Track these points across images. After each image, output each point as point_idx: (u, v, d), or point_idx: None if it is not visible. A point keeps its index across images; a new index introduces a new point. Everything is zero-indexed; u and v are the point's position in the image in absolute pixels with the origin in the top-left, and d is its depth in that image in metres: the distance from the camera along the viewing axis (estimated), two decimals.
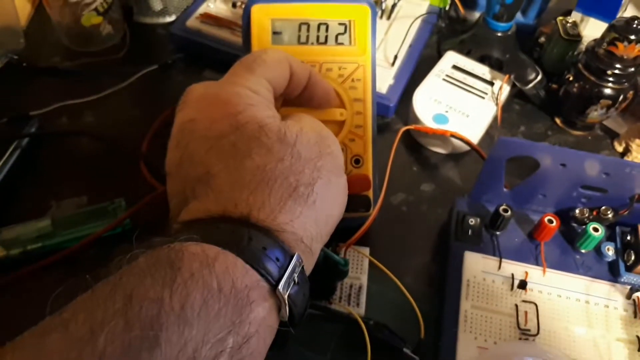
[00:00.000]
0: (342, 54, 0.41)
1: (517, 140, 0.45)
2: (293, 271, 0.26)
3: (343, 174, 0.32)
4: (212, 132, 0.29)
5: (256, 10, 0.40)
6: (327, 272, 0.39)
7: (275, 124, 0.30)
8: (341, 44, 0.41)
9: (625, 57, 0.49)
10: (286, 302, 0.26)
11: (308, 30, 0.41)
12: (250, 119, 0.29)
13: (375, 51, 0.42)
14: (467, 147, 0.52)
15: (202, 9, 0.60)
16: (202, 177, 0.28)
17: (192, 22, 0.59)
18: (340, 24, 0.41)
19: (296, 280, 0.27)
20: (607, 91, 0.51)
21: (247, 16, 0.40)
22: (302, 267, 0.27)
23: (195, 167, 0.29)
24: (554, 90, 0.57)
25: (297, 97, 0.36)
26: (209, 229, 0.26)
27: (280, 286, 0.25)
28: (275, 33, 0.40)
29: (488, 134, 0.55)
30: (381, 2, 0.61)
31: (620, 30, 0.49)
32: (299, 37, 0.41)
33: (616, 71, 0.50)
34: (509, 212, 0.43)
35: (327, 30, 0.41)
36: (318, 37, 0.41)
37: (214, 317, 0.23)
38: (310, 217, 0.29)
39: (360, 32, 0.41)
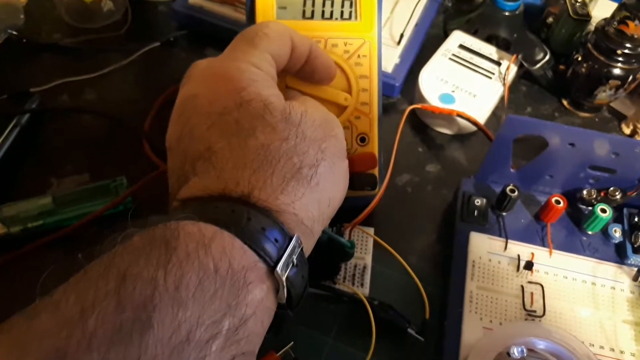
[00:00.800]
0: (347, 30, 0.40)
1: (525, 119, 0.44)
2: (292, 253, 0.26)
3: (345, 158, 0.32)
4: (214, 107, 0.29)
5: None
6: (332, 254, 0.39)
7: (280, 103, 0.29)
8: (347, 19, 0.40)
9: (636, 36, 0.48)
10: (284, 284, 0.25)
11: (313, 4, 0.40)
12: (254, 96, 0.29)
13: (382, 27, 0.41)
14: (473, 128, 0.52)
15: None
16: (203, 153, 0.28)
17: None
18: None
19: (295, 262, 0.26)
20: (617, 71, 0.50)
21: None
22: (302, 249, 0.27)
23: (196, 143, 0.28)
24: (562, 71, 0.56)
25: (298, 71, 0.35)
26: (207, 207, 0.26)
27: (279, 268, 0.25)
28: (280, 7, 0.39)
29: (495, 115, 0.55)
30: None
31: (631, 9, 0.48)
32: (304, 11, 0.40)
33: (626, 51, 0.49)
34: (516, 193, 0.42)
35: (332, 5, 0.40)
36: (323, 12, 0.40)
37: (210, 299, 0.22)
38: (312, 198, 0.28)
39: (366, 8, 0.40)
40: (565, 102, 0.57)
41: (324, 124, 0.31)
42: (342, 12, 0.40)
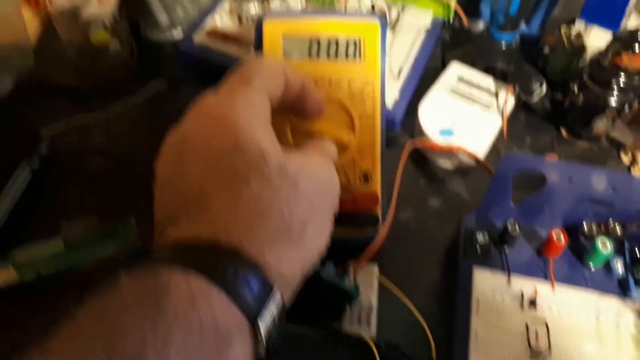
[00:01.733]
0: (352, 70, 0.41)
1: (523, 157, 0.45)
2: (273, 308, 0.27)
3: (332, 215, 0.33)
4: (210, 149, 0.29)
5: (268, 25, 0.40)
6: (337, 298, 0.39)
7: (276, 154, 0.29)
8: (351, 59, 0.41)
9: (630, 68, 0.49)
10: (264, 339, 0.26)
11: (318, 45, 0.41)
12: (250, 141, 0.29)
13: (385, 67, 0.42)
14: (474, 162, 0.52)
15: (209, 24, 0.60)
16: (197, 195, 0.28)
17: (200, 38, 0.59)
18: (350, 40, 0.41)
19: (275, 316, 0.27)
20: (613, 102, 0.52)
21: (259, 31, 0.40)
22: (283, 305, 0.28)
23: (190, 182, 0.29)
24: (559, 100, 0.57)
25: (288, 106, 0.35)
26: (197, 256, 0.26)
27: (260, 322, 0.26)
28: (286, 47, 0.41)
29: (494, 147, 0.55)
30: (385, 15, 0.61)
31: (625, 41, 0.49)
32: (310, 52, 0.41)
33: (621, 82, 0.50)
34: (517, 228, 0.43)
35: (337, 46, 0.41)
36: (329, 52, 0.41)
37: (193, 353, 0.23)
38: (297, 255, 0.29)
39: (370, 48, 0.41)
40: (563, 132, 0.58)
41: (319, 180, 0.31)
42: (347, 53, 0.41)
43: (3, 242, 0.46)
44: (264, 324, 0.26)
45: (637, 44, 0.48)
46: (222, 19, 0.61)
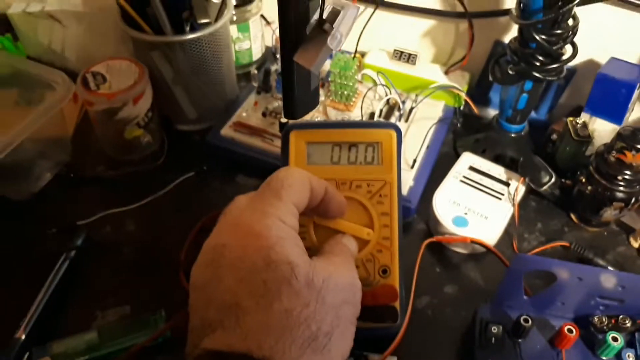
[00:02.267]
0: (370, 173, 0.44)
1: (533, 257, 0.47)
2: None
3: (355, 322, 0.35)
4: (244, 263, 0.31)
5: (294, 135, 0.44)
6: None
7: (304, 267, 0.32)
8: (370, 163, 0.44)
9: (634, 164, 0.52)
10: None
11: (340, 151, 0.44)
12: (282, 257, 0.31)
13: (401, 169, 0.45)
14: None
15: (235, 117, 0.65)
16: (231, 307, 0.31)
17: (226, 130, 0.64)
18: (369, 145, 0.45)
19: None
20: (619, 194, 0.54)
21: (285, 139, 0.44)
22: None
23: (224, 293, 0.31)
24: (568, 186, 0.60)
25: (312, 209, 0.38)
26: None
27: None
28: (310, 154, 0.44)
29: (507, 232, 0.58)
30: (399, 107, 0.65)
31: (627, 140, 0.52)
32: (332, 157, 0.44)
33: (627, 176, 0.53)
34: (530, 322, 0.45)
35: (357, 151, 0.44)
36: (349, 158, 0.44)
37: None
38: None
39: (387, 153, 0.44)
40: (573, 217, 0.60)
41: (345, 289, 0.34)
42: (365, 158, 0.45)
43: (41, 332, 0.48)
44: None
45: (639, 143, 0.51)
46: (247, 113, 0.66)
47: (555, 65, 0.56)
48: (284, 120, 0.62)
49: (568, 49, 0.57)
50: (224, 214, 0.36)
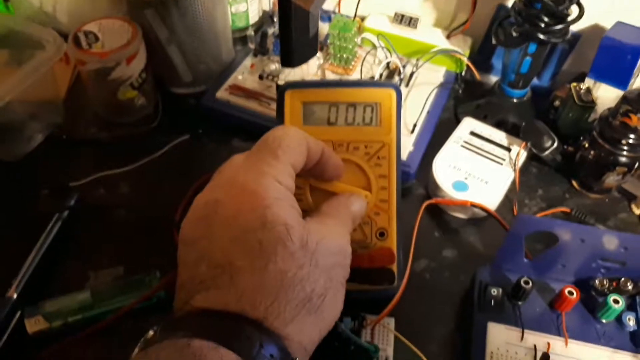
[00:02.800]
0: (368, 134, 0.43)
1: (536, 218, 0.46)
2: None
3: (345, 284, 0.34)
4: (238, 221, 0.31)
5: (289, 94, 0.42)
6: (356, 355, 0.40)
7: (299, 229, 0.31)
8: (368, 124, 0.43)
9: (639, 128, 0.51)
10: None
11: (337, 112, 0.43)
12: (277, 217, 0.31)
13: (400, 130, 0.44)
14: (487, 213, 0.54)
15: (231, 80, 0.64)
16: (224, 265, 0.30)
17: (221, 93, 0.62)
18: (367, 106, 0.43)
19: None
20: (623, 159, 0.53)
21: (280, 99, 0.43)
22: None
23: (217, 251, 0.30)
24: (570, 153, 0.59)
25: (309, 170, 0.37)
26: (226, 330, 0.28)
27: None
28: (306, 115, 0.43)
29: (507, 198, 0.57)
30: (400, 71, 0.64)
31: (633, 103, 0.51)
32: (329, 118, 0.43)
33: (631, 140, 0.52)
34: (530, 284, 0.44)
35: (354, 112, 0.43)
36: (346, 119, 0.43)
37: None
38: (316, 325, 0.31)
39: (386, 114, 0.43)
40: (575, 184, 0.59)
41: (337, 252, 0.33)
42: (363, 118, 0.43)
43: (33, 291, 0.48)
44: None
45: None
46: (243, 76, 0.64)
47: (560, 27, 0.55)
48: (281, 82, 0.61)
49: (574, 10, 0.55)
50: (218, 171, 0.35)
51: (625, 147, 0.52)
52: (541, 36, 0.55)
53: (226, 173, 0.34)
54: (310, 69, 0.65)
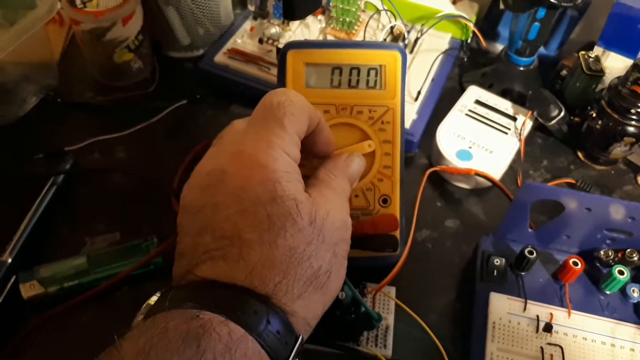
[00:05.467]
0: (372, 97, 0.42)
1: (541, 185, 0.45)
2: (297, 351, 0.28)
3: (347, 258, 0.34)
4: (247, 194, 0.30)
5: (291, 55, 0.41)
6: (358, 322, 0.40)
7: (308, 204, 0.31)
8: (372, 87, 0.42)
9: None
10: None
11: (340, 74, 0.42)
12: (287, 192, 0.30)
13: (405, 94, 0.43)
14: (491, 183, 0.53)
15: (230, 44, 0.62)
16: (232, 237, 0.29)
17: (220, 57, 0.61)
18: (371, 68, 0.42)
19: (295, 358, 0.29)
20: (631, 129, 0.52)
21: (282, 60, 0.41)
22: (303, 343, 0.29)
23: (223, 222, 0.30)
24: (577, 123, 0.58)
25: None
26: (234, 304, 0.28)
27: None
28: (308, 76, 0.41)
29: (512, 168, 0.56)
30: (404, 37, 0.62)
31: None
32: (332, 80, 0.42)
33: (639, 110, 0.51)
34: (534, 254, 0.43)
35: (358, 74, 0.42)
36: (350, 81, 0.42)
37: None
38: (320, 301, 0.31)
39: (390, 77, 0.42)
40: (580, 155, 0.58)
41: (341, 227, 0.33)
42: (367, 81, 0.42)
43: (28, 256, 0.47)
44: None
45: None
46: (243, 39, 0.62)
47: None
48: (281, 46, 0.59)
49: None
50: (220, 137, 0.33)
51: (634, 117, 0.51)
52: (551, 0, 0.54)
53: (230, 141, 0.32)
54: (312, 33, 0.63)
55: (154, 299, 0.29)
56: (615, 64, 0.58)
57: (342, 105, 0.42)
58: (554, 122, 0.56)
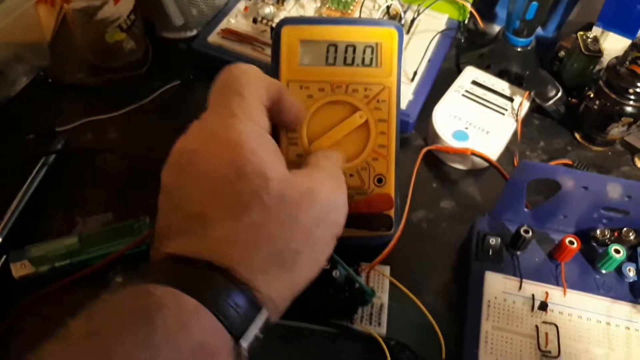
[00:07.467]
0: (368, 75, 0.41)
1: (538, 164, 0.45)
2: (259, 328, 0.27)
3: (334, 242, 0.33)
4: (215, 173, 0.29)
5: (286, 31, 0.40)
6: (352, 298, 0.40)
7: (279, 181, 0.30)
8: (368, 65, 0.41)
9: None
10: (247, 356, 0.27)
11: (336, 51, 0.41)
12: (256, 168, 0.29)
13: (401, 73, 0.42)
14: (487, 164, 0.52)
15: (224, 24, 0.61)
16: (198, 215, 0.29)
17: (213, 37, 0.60)
18: (367, 46, 0.41)
19: (258, 337, 0.28)
20: (629, 109, 0.51)
21: (277, 36, 0.40)
22: (268, 323, 0.28)
23: (191, 201, 0.29)
24: (574, 104, 0.57)
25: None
26: (191, 277, 0.27)
27: (245, 344, 0.27)
28: (303, 53, 0.41)
29: (508, 150, 0.55)
30: (400, 17, 0.62)
31: None
32: (327, 58, 0.41)
33: (638, 89, 0.50)
34: (530, 233, 0.43)
35: (354, 52, 0.41)
36: (345, 59, 0.41)
37: None
38: (287, 281, 0.30)
39: (386, 54, 0.41)
40: (578, 136, 0.58)
41: (323, 208, 0.31)
42: (363, 59, 0.41)
43: (19, 236, 0.46)
44: (248, 342, 0.27)
45: None
46: (236, 19, 0.61)
47: None
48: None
49: None
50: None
51: (632, 97, 0.51)
52: None
53: (199, 122, 0.32)
54: (307, 13, 0.63)
55: (118, 281, 0.29)
56: (613, 45, 0.58)
57: (337, 83, 0.41)
58: (551, 102, 0.55)
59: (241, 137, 0.30)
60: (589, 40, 0.57)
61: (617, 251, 0.42)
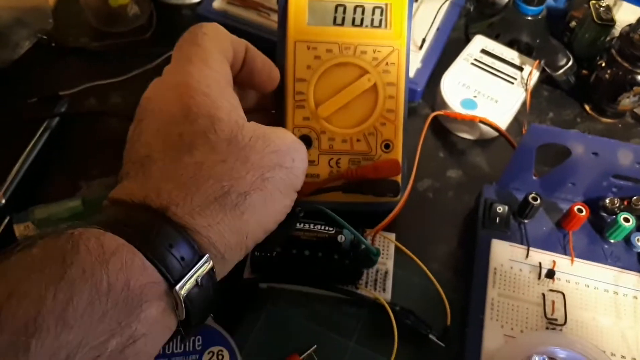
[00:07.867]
0: (377, 37, 0.41)
1: (548, 128, 0.44)
2: (197, 273, 0.26)
3: (292, 194, 0.32)
4: (163, 115, 0.29)
5: None
6: (356, 259, 0.39)
7: (229, 123, 0.29)
8: (377, 27, 0.41)
9: None
10: (182, 302, 0.25)
11: (344, 12, 0.40)
12: (204, 110, 0.29)
13: (411, 36, 0.41)
14: (495, 133, 0.52)
15: None
16: (144, 158, 0.29)
17: (218, 3, 0.59)
18: (376, 7, 0.40)
19: (199, 283, 0.26)
20: None
21: None
22: (211, 272, 0.27)
23: (140, 146, 0.29)
24: (585, 76, 0.56)
25: (237, 75, 0.34)
26: (122, 215, 0.26)
27: (178, 286, 0.25)
28: (311, 14, 0.40)
29: (516, 120, 0.55)
30: None
31: None
32: (335, 18, 0.41)
33: None
34: (538, 201, 0.43)
35: (363, 12, 0.41)
36: (354, 19, 0.41)
37: (98, 320, 0.22)
38: (232, 226, 0.28)
39: (396, 16, 0.41)
40: (587, 108, 0.57)
41: (279, 153, 0.30)
42: (372, 20, 0.41)
43: (22, 199, 0.46)
44: (185, 288, 0.25)
45: None
46: None
47: None
48: None
49: None
50: None
51: None
52: None
53: (160, 76, 0.32)
54: None
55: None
56: (626, 16, 0.57)
57: (345, 44, 0.40)
58: (561, 71, 0.54)
59: (192, 79, 0.30)
60: (601, 9, 0.56)
61: (627, 220, 0.42)
